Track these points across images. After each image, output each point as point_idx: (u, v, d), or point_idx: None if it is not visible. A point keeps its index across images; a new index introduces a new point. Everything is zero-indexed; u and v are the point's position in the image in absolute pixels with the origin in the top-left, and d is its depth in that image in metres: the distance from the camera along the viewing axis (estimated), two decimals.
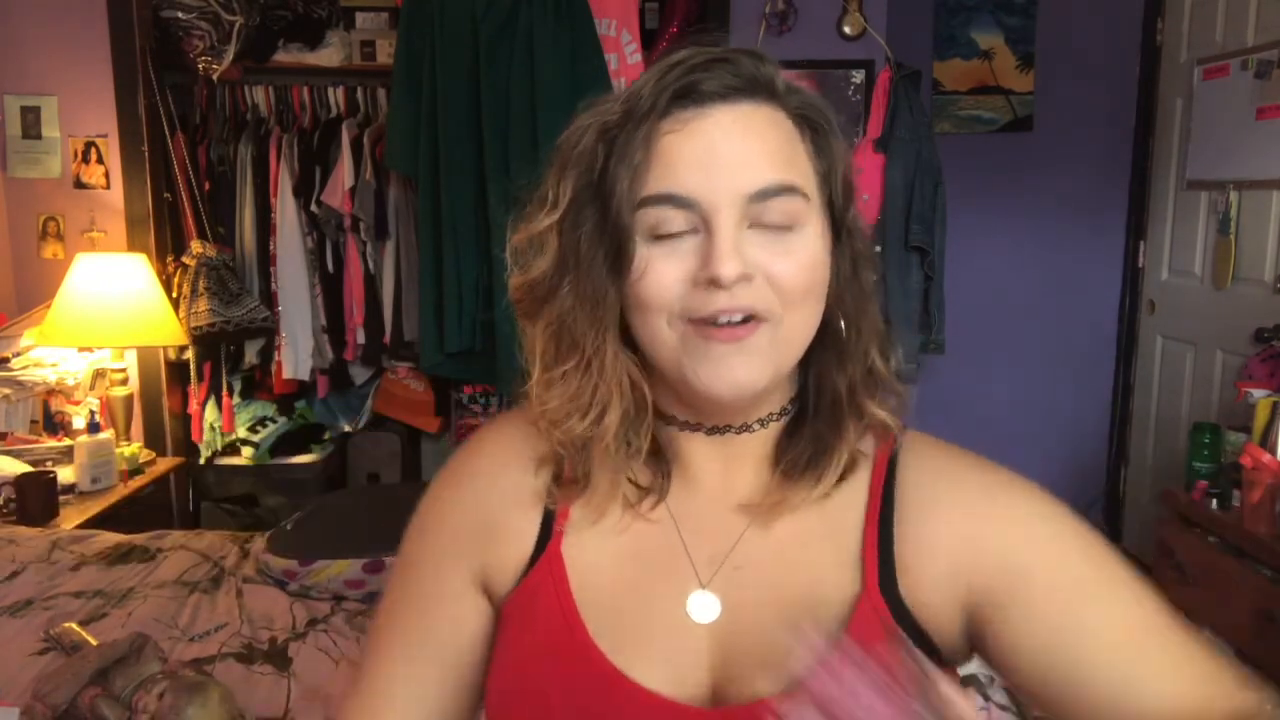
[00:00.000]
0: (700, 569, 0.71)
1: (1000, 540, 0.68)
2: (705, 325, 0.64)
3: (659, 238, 0.64)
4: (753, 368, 0.65)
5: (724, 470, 0.73)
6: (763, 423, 0.72)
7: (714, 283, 0.62)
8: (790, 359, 0.68)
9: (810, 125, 0.68)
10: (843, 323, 0.70)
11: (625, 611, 0.70)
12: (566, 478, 0.73)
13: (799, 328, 0.67)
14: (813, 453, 0.71)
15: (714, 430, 0.72)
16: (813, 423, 0.72)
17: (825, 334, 0.70)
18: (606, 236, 0.65)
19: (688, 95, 0.64)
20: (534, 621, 0.71)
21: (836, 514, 0.71)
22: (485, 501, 0.76)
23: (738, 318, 0.64)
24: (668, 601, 0.70)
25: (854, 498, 0.71)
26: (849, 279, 0.71)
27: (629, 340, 0.69)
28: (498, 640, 0.74)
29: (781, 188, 0.64)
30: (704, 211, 0.63)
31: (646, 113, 0.64)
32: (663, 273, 0.64)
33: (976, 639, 0.69)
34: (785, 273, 0.64)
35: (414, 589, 0.76)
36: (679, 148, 0.64)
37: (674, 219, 0.64)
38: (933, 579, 0.68)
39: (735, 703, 0.67)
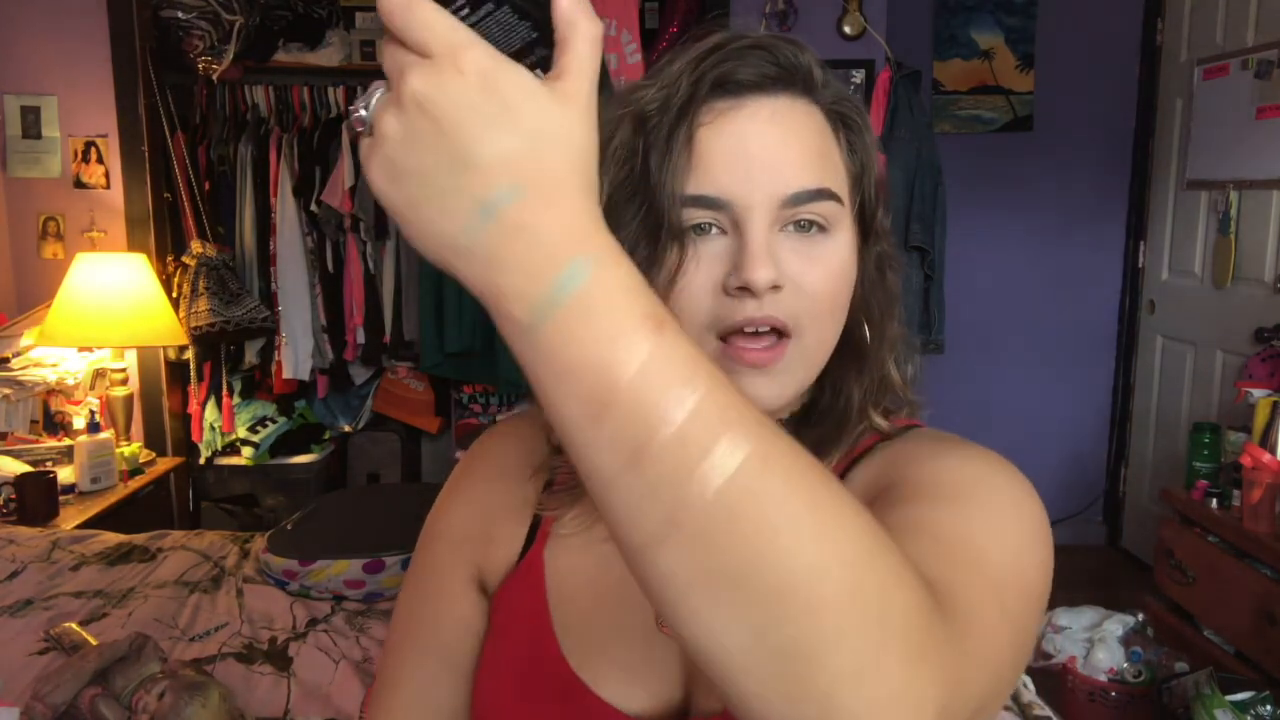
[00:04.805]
0: None
1: (916, 467, 0.64)
2: (735, 339, 0.62)
3: (690, 237, 0.62)
4: (778, 387, 0.63)
5: None
6: None
7: (745, 289, 0.60)
8: (814, 371, 0.66)
9: (845, 123, 0.66)
10: (866, 328, 0.68)
11: (597, 622, 0.69)
12: (559, 484, 0.73)
13: (825, 339, 0.65)
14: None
15: None
16: (819, 426, 0.69)
17: (846, 341, 0.67)
18: (647, 236, 0.62)
19: (723, 85, 0.61)
20: (509, 626, 0.72)
21: None
22: (482, 508, 0.77)
23: (764, 329, 0.61)
24: (641, 613, 0.69)
25: None
26: (875, 282, 0.69)
27: None
28: (485, 640, 0.74)
29: (817, 192, 0.61)
30: (736, 213, 0.61)
31: (685, 104, 0.61)
32: (693, 280, 0.61)
33: None
34: (816, 281, 0.62)
35: (422, 591, 0.78)
36: (712, 143, 0.61)
37: (704, 218, 0.61)
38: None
39: (702, 715, 0.66)
